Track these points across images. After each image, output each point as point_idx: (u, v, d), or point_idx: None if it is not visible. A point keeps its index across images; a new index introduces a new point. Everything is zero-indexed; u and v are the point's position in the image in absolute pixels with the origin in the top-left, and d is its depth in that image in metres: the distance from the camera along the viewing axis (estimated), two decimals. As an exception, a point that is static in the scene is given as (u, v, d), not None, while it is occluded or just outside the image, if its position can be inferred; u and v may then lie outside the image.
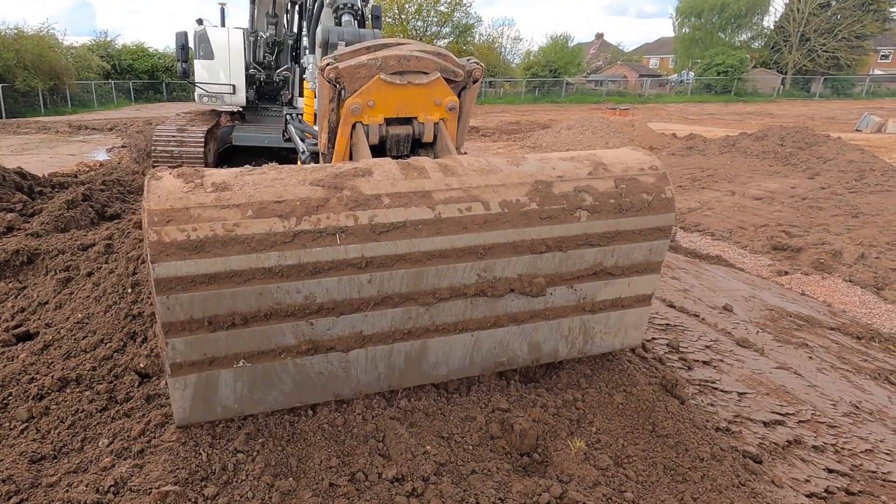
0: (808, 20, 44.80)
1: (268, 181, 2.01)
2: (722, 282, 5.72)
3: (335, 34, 3.28)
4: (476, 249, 2.17)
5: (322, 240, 1.96)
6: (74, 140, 13.09)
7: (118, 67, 36.34)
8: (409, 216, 2.06)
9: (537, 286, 2.33)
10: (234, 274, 1.89)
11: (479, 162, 2.33)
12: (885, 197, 8.89)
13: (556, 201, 2.27)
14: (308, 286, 2.00)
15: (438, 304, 2.22)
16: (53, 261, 3.83)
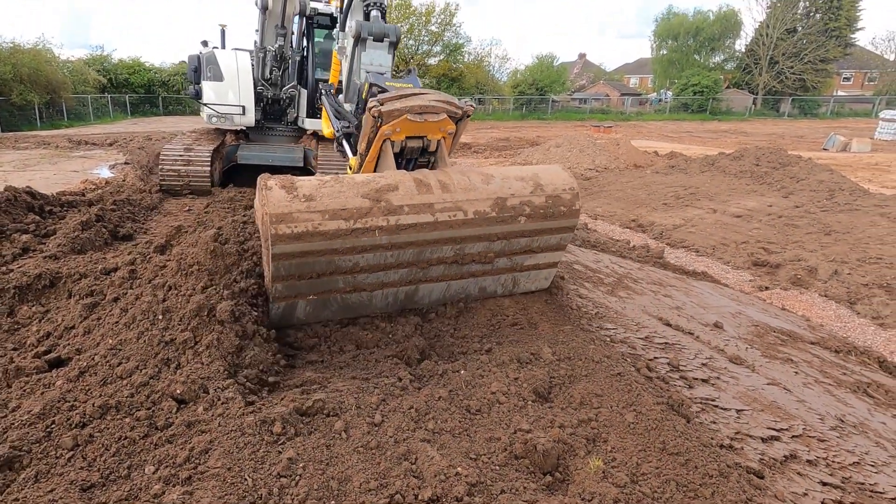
0: (777, 44, 46.10)
1: (335, 193, 3.12)
2: (710, 298, 5.88)
3: (366, 28, 4.21)
4: (456, 238, 3.43)
5: (367, 233, 3.14)
6: (75, 156, 12.94)
7: (114, 81, 36.00)
8: (418, 219, 3.25)
9: (489, 258, 3.67)
10: (316, 251, 3.07)
11: (464, 181, 3.47)
12: (854, 216, 9.19)
13: (508, 210, 3.50)
14: (356, 258, 3.23)
15: (429, 267, 3.53)
16: (76, 285, 3.84)
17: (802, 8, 47.12)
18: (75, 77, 31.42)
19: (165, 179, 8.14)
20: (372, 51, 4.33)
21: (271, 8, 8.40)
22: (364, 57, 4.31)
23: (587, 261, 6.15)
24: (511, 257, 3.76)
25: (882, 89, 50.77)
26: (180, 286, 3.15)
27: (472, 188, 3.44)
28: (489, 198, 3.45)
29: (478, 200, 3.42)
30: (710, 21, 49.49)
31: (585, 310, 4.07)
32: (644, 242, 9.01)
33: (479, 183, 3.48)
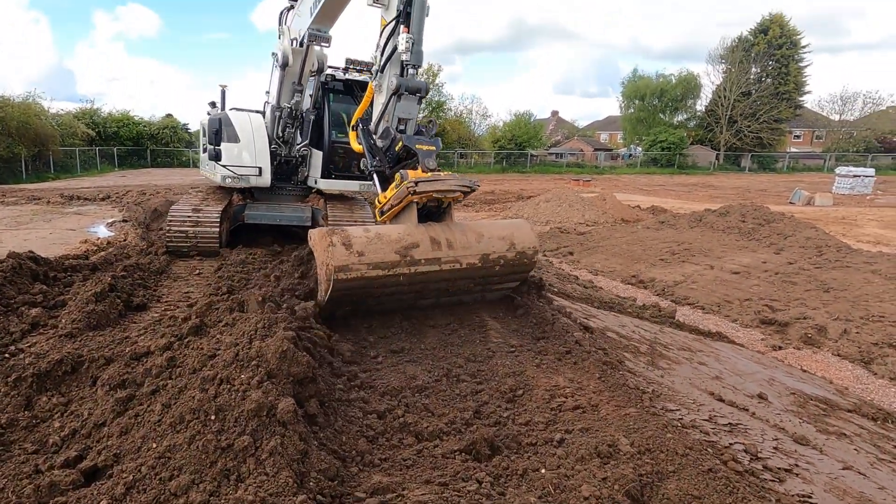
0: (734, 105, 48.86)
1: (377, 250, 4.33)
2: (739, 364, 5.72)
3: (404, 85, 5.00)
4: (451, 279, 4.78)
5: (395, 277, 4.43)
6: (69, 212, 12.43)
7: (103, 134, 35.62)
8: (430, 268, 4.56)
9: (469, 288, 5.05)
10: (358, 287, 4.35)
11: (463, 239, 4.75)
12: (846, 273, 9.34)
13: (489, 262, 4.88)
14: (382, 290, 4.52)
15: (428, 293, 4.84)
16: (102, 371, 3.45)
17: (754, 73, 50.35)
18: (64, 130, 30.97)
19: (173, 241, 7.77)
20: (405, 102, 5.13)
21: (291, 65, 8.38)
22: (398, 107, 5.13)
23: (614, 325, 5.97)
24: (484, 287, 5.18)
25: (830, 146, 53.89)
26: (233, 380, 2.82)
27: (468, 246, 4.75)
28: (478, 254, 4.79)
29: (470, 255, 4.75)
30: (672, 84, 52.36)
31: (641, 388, 3.84)
32: (651, 300, 8.92)
33: (473, 241, 4.80)
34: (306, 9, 7.77)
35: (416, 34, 5.03)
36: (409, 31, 5.02)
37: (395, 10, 5.11)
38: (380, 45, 5.29)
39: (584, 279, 10.19)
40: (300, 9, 8.02)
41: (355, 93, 9.09)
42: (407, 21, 5.06)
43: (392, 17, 5.13)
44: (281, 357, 2.91)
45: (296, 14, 8.19)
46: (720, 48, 52.00)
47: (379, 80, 5.31)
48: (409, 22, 5.04)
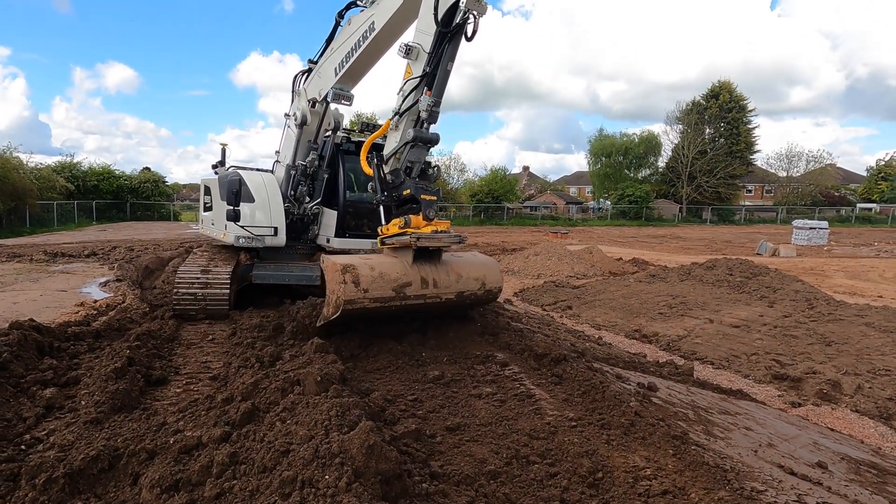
0: (693, 162, 51.51)
1: (378, 287, 5.18)
2: (777, 426, 5.55)
3: (420, 137, 5.56)
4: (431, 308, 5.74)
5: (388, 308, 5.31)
6: (55, 270, 11.67)
7: (82, 188, 34.60)
8: (416, 302, 5.50)
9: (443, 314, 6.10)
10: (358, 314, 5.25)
11: (446, 279, 5.67)
12: (842, 326, 9.48)
13: (463, 298, 5.90)
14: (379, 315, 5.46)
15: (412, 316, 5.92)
16: (146, 467, 2.99)
17: (709, 133, 53.55)
18: (42, 184, 29.92)
19: (181, 303, 7.28)
20: (417, 149, 5.70)
21: (308, 124, 8.34)
22: (411, 153, 5.68)
23: (650, 385, 5.75)
24: (454, 313, 6.21)
25: (780, 200, 56.98)
26: (317, 482, 2.46)
27: (449, 286, 5.68)
28: (455, 292, 5.77)
29: (449, 293, 5.71)
30: (635, 142, 55.07)
31: (719, 465, 3.59)
32: (661, 356, 8.79)
33: (453, 281, 5.73)
34: (329, 70, 7.81)
35: (436, 96, 5.50)
36: (431, 93, 5.44)
37: (421, 69, 5.51)
38: (403, 90, 5.72)
39: (590, 335, 10.03)
40: (321, 71, 8.05)
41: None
42: (431, 83, 5.48)
43: (418, 72, 5.55)
44: (368, 453, 2.57)
45: (316, 76, 8.21)
46: (677, 111, 55.40)
47: (396, 121, 5.79)
48: (433, 84, 5.47)
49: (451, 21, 5.32)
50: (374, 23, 6.98)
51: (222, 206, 8.59)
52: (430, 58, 5.42)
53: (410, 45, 5.65)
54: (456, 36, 5.43)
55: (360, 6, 7.38)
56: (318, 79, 8.23)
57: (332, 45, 7.89)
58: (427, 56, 5.43)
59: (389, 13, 6.64)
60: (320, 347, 4.93)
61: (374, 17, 6.94)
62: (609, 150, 54.98)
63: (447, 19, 5.31)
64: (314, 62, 8.42)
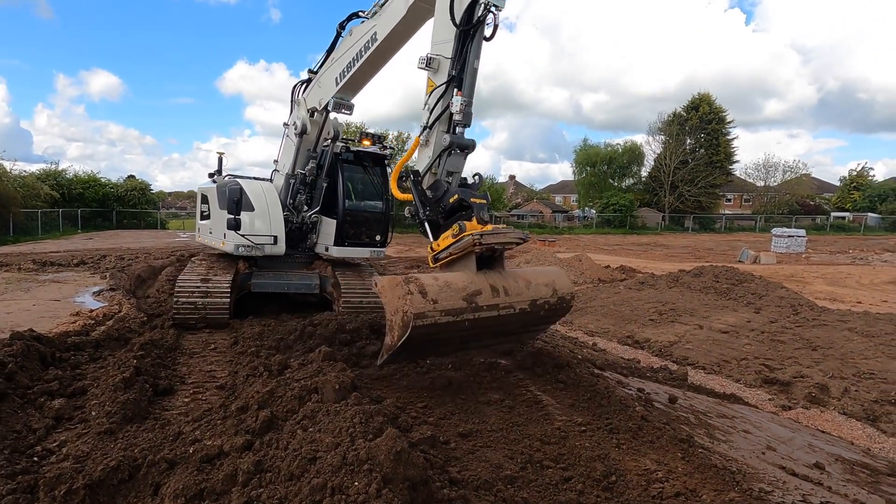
0: (675, 172, 52.45)
1: (448, 297, 4.42)
2: (773, 429, 5.67)
3: (456, 142, 5.25)
4: (505, 322, 4.99)
5: (461, 323, 4.53)
6: (46, 279, 11.42)
7: (67, 196, 33.90)
8: (489, 314, 4.73)
9: (516, 331, 5.51)
10: (430, 333, 4.40)
11: (516, 286, 5.00)
12: (826, 331, 9.71)
13: (536, 307, 5.15)
14: (446, 336, 4.66)
15: (483, 338, 5.20)
16: (167, 477, 2.96)
17: (690, 144, 54.61)
18: (27, 192, 29.24)
19: (180, 312, 7.19)
20: (454, 157, 5.38)
21: (308, 133, 8.35)
22: (448, 162, 5.35)
23: (648, 392, 5.85)
24: (525, 329, 5.55)
25: (759, 209, 58.23)
26: (347, 489, 2.47)
27: (520, 293, 5.00)
28: (528, 300, 5.05)
29: (522, 301, 4.99)
30: (619, 152, 55.93)
31: (726, 466, 3.68)
32: (653, 361, 8.91)
33: (523, 288, 5.06)
34: (330, 80, 7.84)
35: (467, 97, 5.26)
36: (461, 93, 5.21)
37: (445, 75, 5.33)
38: (429, 104, 5.48)
39: (584, 341, 10.13)
40: (322, 81, 8.08)
41: (365, 163, 9.09)
42: (460, 84, 5.28)
43: (442, 80, 5.36)
44: (395, 459, 2.59)
45: (316, 85, 8.24)
46: (658, 122, 56.45)
47: (426, 135, 5.49)
48: (462, 85, 5.26)
49: (471, 18, 5.19)
50: (376, 33, 7.04)
51: (220, 214, 8.54)
52: (453, 62, 5.27)
53: (431, 57, 5.48)
54: (477, 33, 5.25)
55: (361, 17, 7.45)
56: (319, 88, 8.26)
57: (333, 55, 7.94)
58: (450, 61, 5.29)
59: (392, 24, 6.72)
60: (328, 356, 4.92)
61: (377, 27, 7.00)
62: (594, 159, 55.76)
63: (467, 17, 5.18)
64: (314, 72, 8.46)
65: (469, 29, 5.19)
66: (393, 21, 6.66)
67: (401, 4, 6.47)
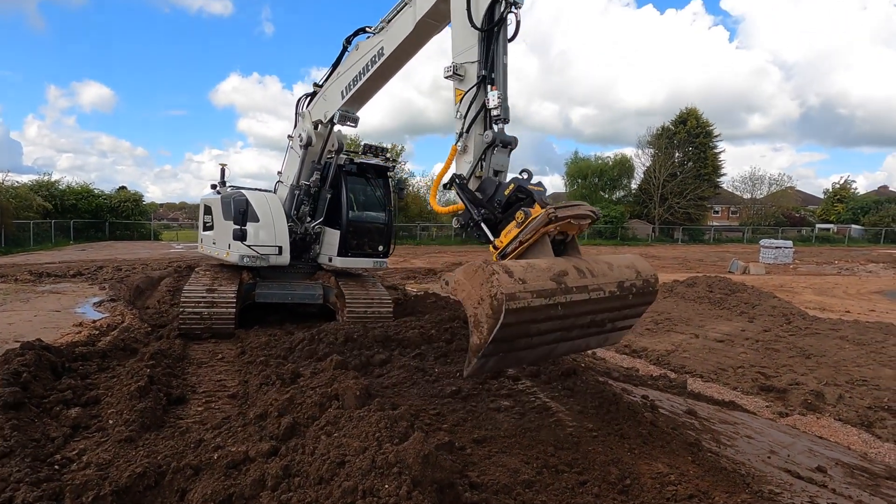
0: (664, 184, 53.16)
1: (535, 277, 3.86)
2: (773, 434, 5.77)
3: (499, 137, 5.09)
4: (595, 310, 4.36)
5: (554, 307, 3.91)
6: (44, 290, 11.32)
7: (60, 207, 33.59)
8: (581, 296, 4.12)
9: (604, 323, 4.63)
10: (523, 321, 3.76)
11: (599, 268, 4.45)
12: (819, 339, 9.91)
13: (625, 290, 4.53)
14: (539, 325, 3.93)
15: (573, 330, 4.37)
16: (192, 483, 2.98)
17: (678, 157, 55.44)
18: (19, 203, 28.96)
19: (186, 322, 7.18)
20: (498, 154, 5.15)
21: (314, 144, 8.45)
22: (493, 160, 5.12)
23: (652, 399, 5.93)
24: (614, 322, 4.76)
25: (746, 220, 59.08)
26: (378, 491, 2.51)
27: (605, 274, 4.46)
28: (614, 281, 4.48)
29: (609, 283, 4.42)
30: (609, 165, 56.61)
31: (735, 470, 3.76)
32: (655, 371, 9.01)
33: (606, 270, 4.52)
34: (335, 93, 7.96)
35: (502, 91, 5.15)
36: (496, 88, 5.11)
37: (474, 78, 5.26)
38: (461, 111, 5.36)
39: (584, 350, 10.21)
40: (327, 94, 8.20)
41: (368, 175, 9.20)
42: (492, 81, 5.20)
43: (469, 85, 5.30)
44: (424, 462, 2.64)
45: (321, 98, 8.36)
46: (647, 135, 57.33)
47: (464, 141, 5.31)
48: (495, 81, 5.18)
49: (492, 18, 5.17)
50: (382, 48, 7.18)
51: (224, 225, 8.58)
52: (480, 65, 5.20)
53: (456, 65, 5.42)
54: (501, 30, 5.18)
55: (368, 33, 7.59)
56: (324, 101, 8.37)
57: (339, 69, 8.07)
58: (477, 65, 5.23)
59: (399, 40, 6.86)
60: (340, 364, 4.96)
61: (384, 43, 7.14)
62: (584, 172, 56.38)
63: (488, 18, 5.17)
64: (319, 86, 8.58)
65: (493, 27, 5.13)
66: (400, 37, 6.80)
67: (408, 21, 6.61)
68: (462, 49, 5.40)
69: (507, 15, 5.11)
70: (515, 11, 5.12)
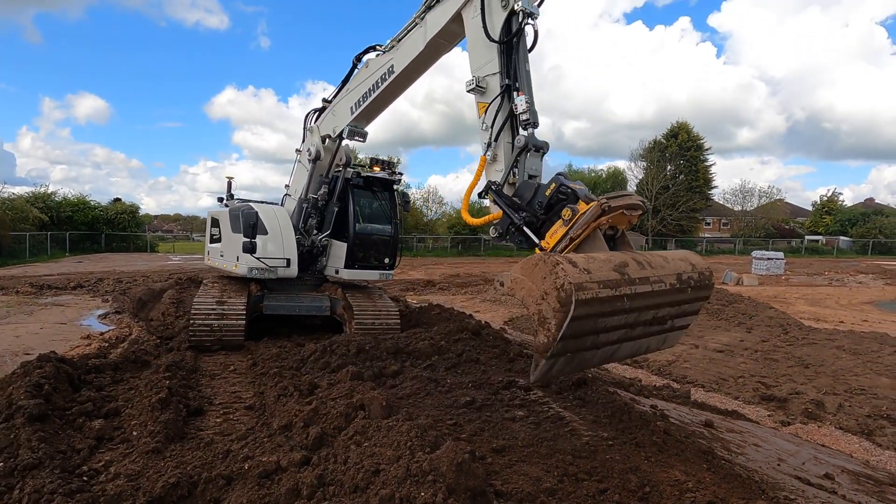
0: (657, 197, 53.75)
1: (599, 268, 3.68)
2: (778, 443, 5.86)
3: (531, 141, 5.03)
4: (658, 303, 4.16)
5: (620, 299, 3.72)
6: (46, 303, 11.25)
7: (56, 219, 33.38)
8: (643, 289, 3.91)
9: (665, 320, 4.41)
10: (592, 314, 3.56)
11: (655, 261, 4.25)
12: (816, 349, 10.06)
13: (683, 282, 4.33)
14: (607, 320, 3.74)
15: (636, 328, 4.16)
16: (225, 493, 3.02)
17: (670, 170, 56.16)
18: (16, 214, 28.77)
19: (197, 335, 7.19)
20: (531, 158, 5.11)
21: (322, 159, 8.56)
22: (527, 162, 5.06)
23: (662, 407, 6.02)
24: (673, 319, 4.53)
25: (737, 232, 59.73)
26: (414, 499, 2.57)
27: (662, 266, 4.25)
28: (673, 273, 4.28)
29: (669, 275, 4.21)
30: (603, 177, 57.19)
31: (750, 476, 3.84)
32: (657, 381, 9.09)
33: (663, 262, 4.33)
34: (345, 109, 8.09)
35: (528, 96, 5.13)
36: (522, 93, 5.10)
37: (497, 89, 5.27)
38: (486, 122, 5.34)
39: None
40: (336, 109, 8.34)
41: (374, 188, 9.31)
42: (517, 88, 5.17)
43: (492, 97, 5.31)
44: (458, 470, 2.71)
45: (330, 114, 8.49)
46: (640, 149, 58.09)
47: (493, 149, 5.29)
48: (521, 87, 5.16)
49: (510, 30, 5.21)
50: (392, 66, 7.33)
51: (233, 237, 8.63)
52: (502, 76, 5.20)
53: (477, 79, 5.43)
54: (520, 40, 5.20)
55: (378, 51, 7.75)
56: (333, 117, 8.51)
57: (349, 85, 8.22)
58: (498, 76, 5.24)
59: (409, 58, 7.01)
60: (356, 375, 5.02)
61: (394, 61, 7.30)
62: (578, 184, 56.85)
63: (506, 30, 5.21)
64: (328, 101, 8.72)
65: (511, 39, 5.17)
66: (411, 55, 6.96)
67: (419, 40, 6.78)
68: (481, 63, 5.44)
69: (524, 25, 5.14)
70: (532, 23, 5.16)
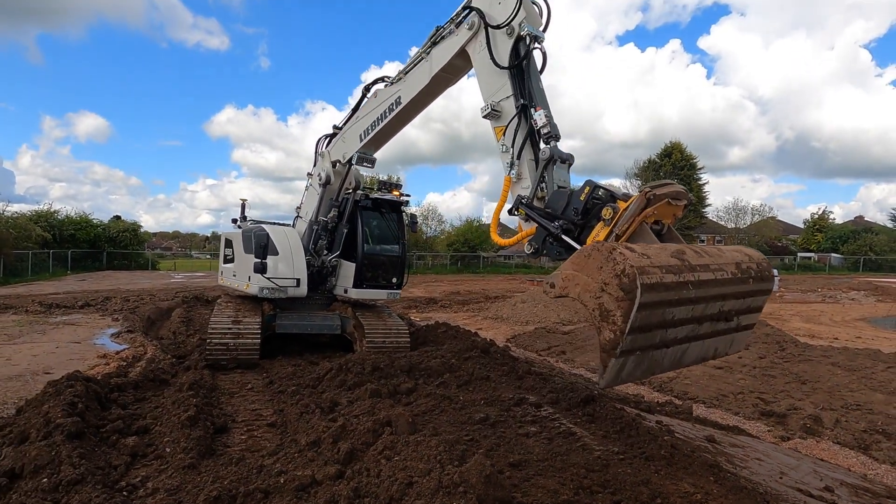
0: (651, 214, 54.35)
1: (656, 253, 3.43)
2: (779, 457, 6.04)
3: (556, 153, 5.00)
4: (723, 294, 3.86)
5: (685, 286, 3.43)
6: (57, 321, 11.36)
7: (58, 237, 33.46)
8: (706, 276, 3.63)
9: (731, 316, 4.05)
10: (659, 302, 3.24)
11: (710, 250, 4.04)
12: (812, 366, 10.27)
13: (744, 272, 4.05)
14: (674, 311, 3.44)
15: (703, 324, 3.84)
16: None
17: (664, 189, 56.84)
18: (19, 233, 28.86)
19: (213, 353, 7.35)
20: (557, 170, 5.08)
21: (332, 183, 8.82)
22: (554, 174, 5.03)
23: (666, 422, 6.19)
24: (738, 316, 4.18)
25: (731, 249, 60.23)
26: (448, 509, 2.75)
27: (719, 255, 4.00)
28: (731, 262, 4.01)
29: (727, 263, 3.94)
30: (598, 196, 57.75)
31: (755, 489, 4.02)
32: (659, 397, 9.26)
33: (718, 252, 4.09)
34: (354, 136, 8.39)
35: (546, 110, 5.14)
36: (540, 108, 5.13)
37: (512, 110, 5.31)
38: (506, 143, 5.34)
39: (589, 377, 10.45)
40: (346, 136, 8.63)
41: (382, 210, 9.57)
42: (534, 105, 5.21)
43: (508, 119, 5.36)
44: (486, 482, 2.90)
45: (340, 140, 8.79)
46: (635, 167, 58.94)
47: (517, 170, 5.28)
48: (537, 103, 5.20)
49: (518, 53, 5.28)
50: (400, 97, 7.66)
51: (245, 258, 8.84)
52: (516, 97, 5.24)
53: (491, 105, 5.46)
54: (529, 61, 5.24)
55: (386, 82, 8.09)
56: (343, 143, 8.80)
57: (358, 114, 8.53)
58: (512, 98, 5.27)
59: (415, 91, 7.33)
60: (374, 393, 5.19)
61: (401, 92, 7.62)
62: (574, 202, 57.40)
63: (514, 55, 5.28)
64: (338, 128, 9.03)
65: (520, 62, 5.23)
66: (417, 88, 7.28)
67: (424, 74, 7.10)
68: (494, 90, 5.52)
69: (532, 48, 5.28)
70: (539, 46, 5.28)
